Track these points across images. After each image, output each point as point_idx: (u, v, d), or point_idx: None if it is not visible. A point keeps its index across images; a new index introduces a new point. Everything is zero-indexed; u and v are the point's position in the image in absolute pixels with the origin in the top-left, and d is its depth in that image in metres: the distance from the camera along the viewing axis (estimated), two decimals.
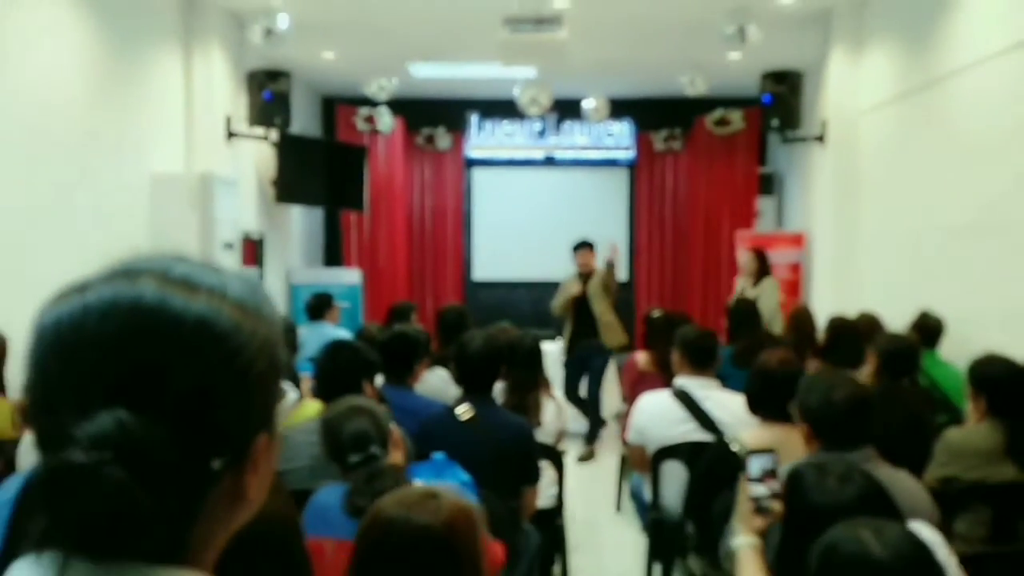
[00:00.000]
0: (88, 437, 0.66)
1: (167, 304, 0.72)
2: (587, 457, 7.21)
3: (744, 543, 2.48)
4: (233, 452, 0.75)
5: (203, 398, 0.71)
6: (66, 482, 0.66)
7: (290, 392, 3.89)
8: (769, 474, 2.54)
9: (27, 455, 3.22)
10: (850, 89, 7.59)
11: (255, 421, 0.77)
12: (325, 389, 3.43)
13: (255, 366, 0.75)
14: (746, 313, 5.89)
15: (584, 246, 7.52)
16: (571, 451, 5.94)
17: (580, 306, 7.37)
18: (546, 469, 3.99)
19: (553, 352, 6.98)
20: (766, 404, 3.38)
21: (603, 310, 7.35)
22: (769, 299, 7.41)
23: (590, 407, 7.35)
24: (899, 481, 2.64)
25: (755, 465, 2.55)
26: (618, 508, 5.98)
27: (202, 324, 0.72)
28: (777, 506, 2.49)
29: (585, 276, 7.43)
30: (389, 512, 1.79)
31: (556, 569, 4.42)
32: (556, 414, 4.43)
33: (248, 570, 0.85)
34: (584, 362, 7.35)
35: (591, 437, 7.35)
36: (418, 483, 2.27)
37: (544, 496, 4.00)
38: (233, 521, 0.79)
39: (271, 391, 0.79)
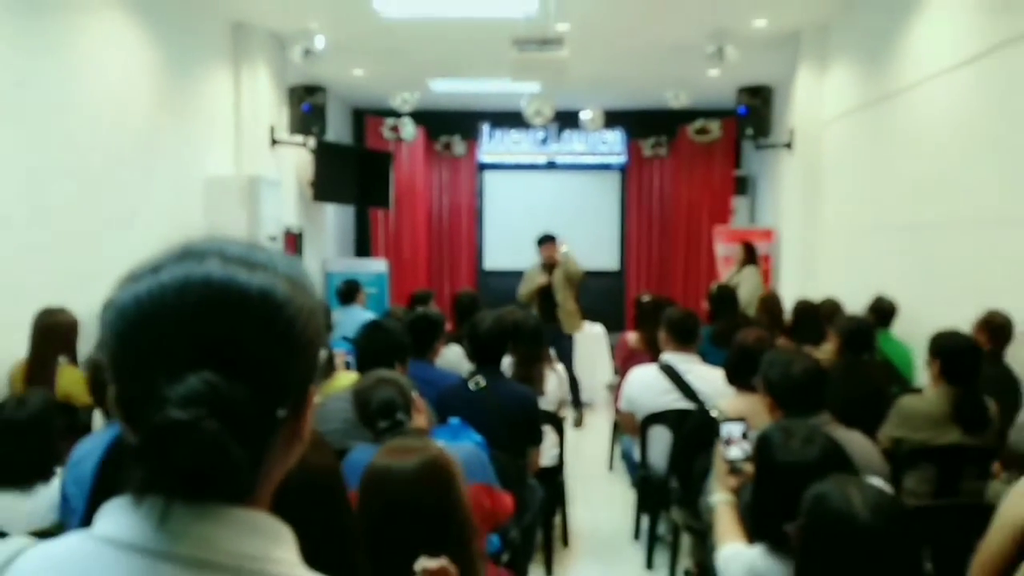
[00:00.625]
0: (180, 397, 0.67)
1: (234, 279, 0.73)
2: (578, 422, 7.17)
3: (720, 500, 2.50)
4: (294, 402, 0.77)
5: (270, 358, 0.73)
6: (168, 436, 0.67)
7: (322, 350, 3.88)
8: (741, 439, 2.55)
9: (101, 418, 3.24)
10: (815, 102, 7.56)
11: (308, 374, 0.79)
12: (364, 366, 3.41)
13: (307, 330, 0.77)
14: (725, 297, 5.88)
15: (548, 239, 7.33)
16: (569, 418, 5.93)
17: (544, 294, 7.24)
18: (548, 433, 4.01)
19: None
20: (743, 376, 3.37)
21: (565, 299, 7.22)
22: (747, 285, 7.45)
23: (570, 384, 7.26)
24: (853, 441, 2.65)
25: (728, 431, 2.56)
26: (610, 467, 5.99)
27: (264, 296, 0.74)
28: (748, 467, 2.50)
29: (549, 267, 7.28)
30: (377, 463, 1.86)
31: (557, 519, 4.45)
32: (557, 384, 4.44)
33: (300, 514, 0.86)
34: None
35: (576, 405, 7.26)
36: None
37: (547, 456, 4.02)
38: (288, 460, 0.81)
39: (317, 350, 0.81)
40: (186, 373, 0.69)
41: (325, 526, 1.73)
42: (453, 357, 4.60)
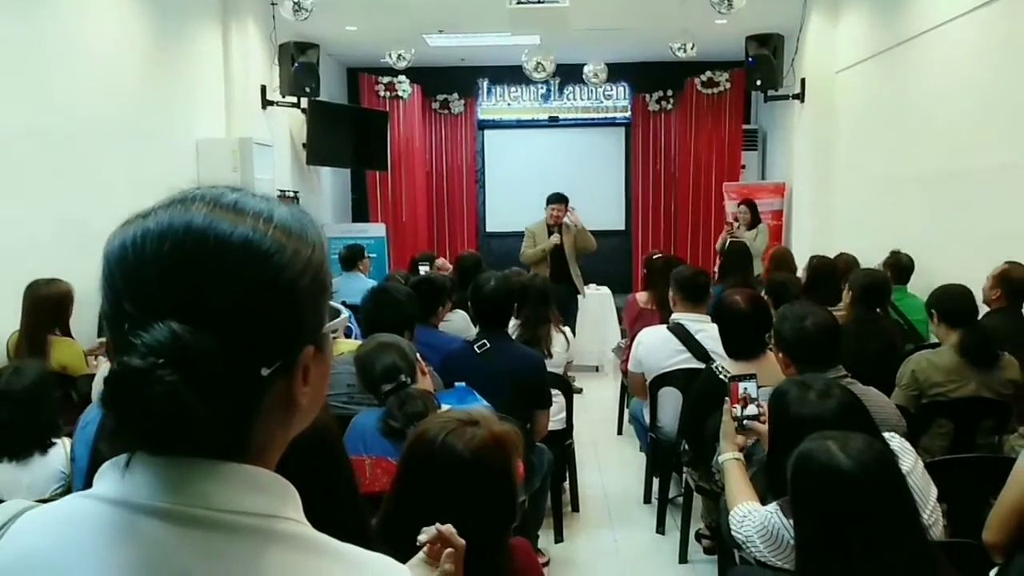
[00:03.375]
0: (145, 345, 0.67)
1: (213, 227, 0.72)
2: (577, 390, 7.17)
3: (728, 457, 2.54)
4: (281, 362, 0.74)
5: (247, 312, 0.71)
6: (125, 384, 0.67)
7: (343, 311, 3.87)
8: (750, 397, 2.58)
9: (99, 386, 3.27)
10: (827, 50, 7.49)
11: (300, 334, 0.76)
12: (370, 333, 3.40)
13: (298, 284, 0.74)
14: (738, 254, 5.87)
15: (559, 199, 7.30)
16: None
17: (555, 255, 7.23)
18: (556, 396, 4.03)
19: None
20: (739, 346, 3.33)
21: (573, 263, 7.26)
22: (762, 243, 7.57)
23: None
24: (870, 396, 2.68)
25: (737, 389, 2.59)
26: (619, 432, 6.04)
27: (246, 245, 0.72)
28: (757, 425, 2.54)
29: (555, 228, 7.26)
30: (430, 434, 1.78)
31: (566, 484, 4.50)
32: (564, 347, 4.46)
33: (298, 470, 0.85)
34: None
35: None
36: (456, 408, 2.25)
37: (554, 420, 4.04)
38: (290, 426, 0.79)
39: (316, 307, 0.78)
40: (155, 322, 0.68)
41: (324, 487, 1.75)
42: (460, 322, 4.61)
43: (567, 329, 4.67)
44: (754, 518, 2.19)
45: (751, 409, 2.56)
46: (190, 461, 0.71)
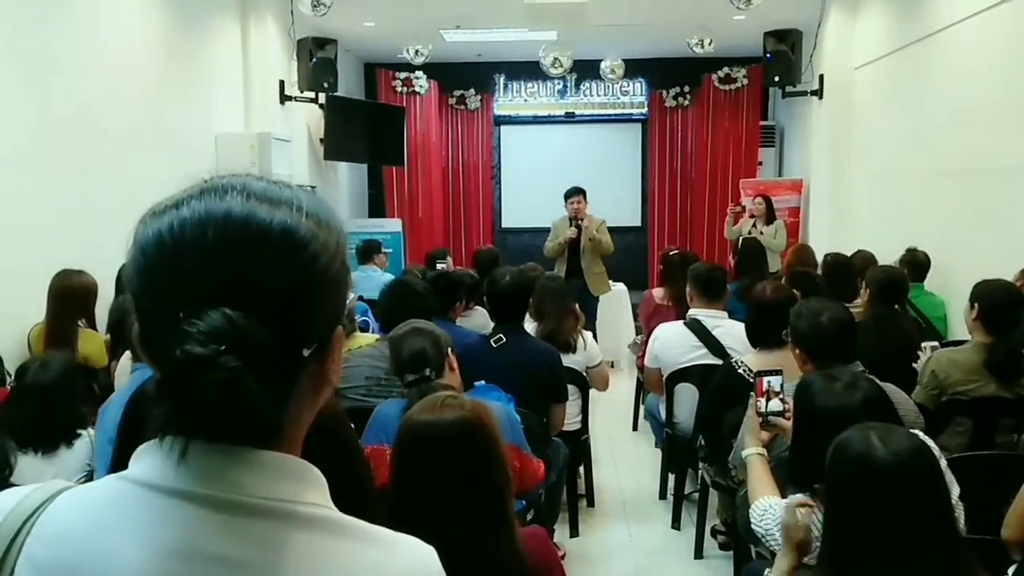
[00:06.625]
0: (202, 333, 0.68)
1: (254, 215, 0.74)
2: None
3: (751, 452, 2.55)
4: (318, 342, 0.77)
5: (291, 297, 0.73)
6: (187, 371, 0.68)
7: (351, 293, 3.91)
8: (775, 392, 2.59)
9: (121, 376, 3.31)
10: (845, 46, 7.46)
11: (333, 315, 0.79)
12: (389, 326, 3.41)
13: (330, 269, 0.77)
14: (752, 251, 5.85)
15: (575, 192, 7.25)
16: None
17: (571, 249, 7.20)
18: (574, 399, 4.03)
19: None
20: (764, 334, 3.35)
21: (591, 262, 7.18)
22: (782, 239, 7.58)
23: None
24: (889, 392, 2.67)
25: (762, 383, 2.60)
26: (635, 428, 6.04)
27: (285, 233, 0.74)
28: (782, 421, 2.54)
29: (575, 221, 7.19)
30: (423, 418, 1.83)
31: (581, 480, 4.51)
32: (583, 346, 4.44)
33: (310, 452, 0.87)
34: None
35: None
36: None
37: (570, 422, 4.04)
38: (318, 403, 0.82)
39: (343, 290, 0.81)
40: (207, 309, 0.69)
41: (331, 474, 1.76)
42: (480, 319, 4.63)
43: (587, 333, 4.66)
44: (775, 512, 2.20)
45: (775, 404, 2.56)
46: (226, 447, 0.73)
